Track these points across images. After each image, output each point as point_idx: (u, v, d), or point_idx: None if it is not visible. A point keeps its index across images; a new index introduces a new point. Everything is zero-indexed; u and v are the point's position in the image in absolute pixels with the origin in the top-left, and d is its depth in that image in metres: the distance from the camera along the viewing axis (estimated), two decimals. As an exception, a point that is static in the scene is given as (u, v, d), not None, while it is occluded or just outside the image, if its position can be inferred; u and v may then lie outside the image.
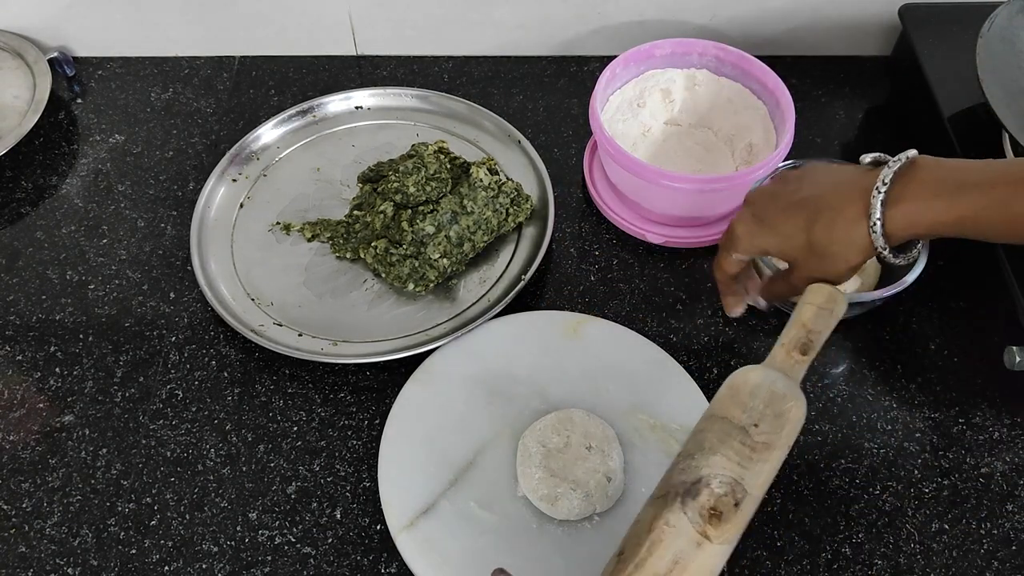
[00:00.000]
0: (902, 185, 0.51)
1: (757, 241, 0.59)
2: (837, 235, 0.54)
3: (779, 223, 0.57)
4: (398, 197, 0.73)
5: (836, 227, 0.53)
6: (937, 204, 0.51)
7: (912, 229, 0.52)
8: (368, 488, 0.64)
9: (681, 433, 0.63)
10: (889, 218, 0.52)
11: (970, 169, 0.51)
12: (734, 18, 0.87)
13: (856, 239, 0.53)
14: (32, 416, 0.67)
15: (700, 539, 0.46)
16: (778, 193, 0.58)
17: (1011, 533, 0.61)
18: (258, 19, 0.88)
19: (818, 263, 0.55)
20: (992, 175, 0.50)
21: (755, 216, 0.59)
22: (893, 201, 0.51)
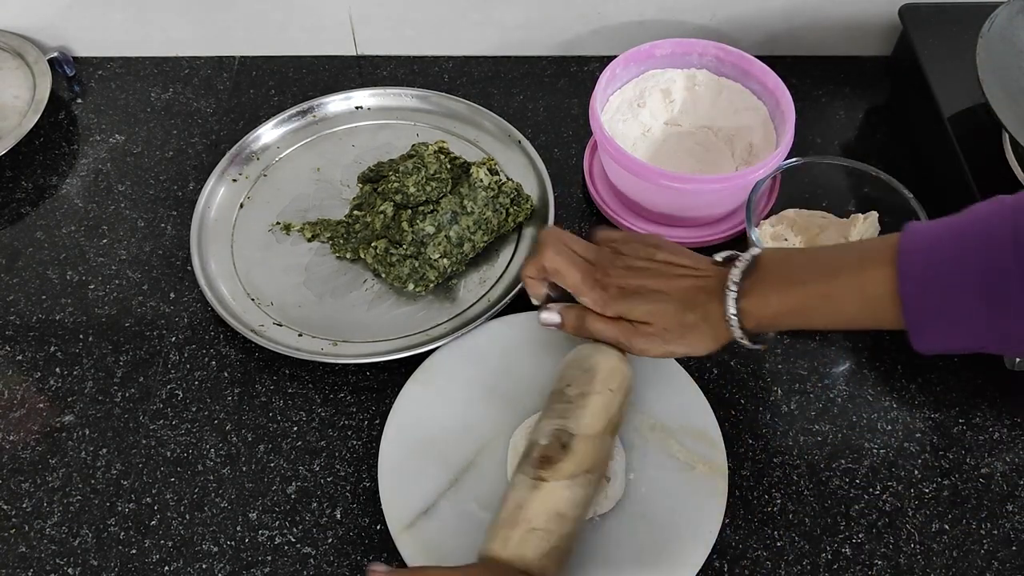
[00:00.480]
0: (748, 282, 0.56)
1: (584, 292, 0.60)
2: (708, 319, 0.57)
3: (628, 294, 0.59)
4: (398, 197, 0.73)
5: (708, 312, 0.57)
6: (773, 299, 0.55)
7: (756, 322, 0.56)
8: (368, 488, 0.64)
9: (681, 433, 0.63)
10: (742, 311, 0.55)
11: (803, 262, 0.55)
12: (734, 18, 0.87)
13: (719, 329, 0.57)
14: (32, 416, 0.67)
15: (535, 483, 0.55)
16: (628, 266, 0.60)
17: (1011, 533, 0.61)
18: (258, 19, 0.88)
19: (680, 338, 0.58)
20: (820, 266, 0.54)
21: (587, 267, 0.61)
22: (743, 296, 0.55)
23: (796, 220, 0.73)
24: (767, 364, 0.69)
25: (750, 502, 0.63)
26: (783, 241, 0.71)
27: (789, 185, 0.74)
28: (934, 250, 0.49)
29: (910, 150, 0.82)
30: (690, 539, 0.59)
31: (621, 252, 0.61)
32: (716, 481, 0.61)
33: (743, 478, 0.64)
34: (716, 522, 0.59)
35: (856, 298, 0.52)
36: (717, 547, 0.59)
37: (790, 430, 0.66)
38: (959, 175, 0.72)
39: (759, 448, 0.65)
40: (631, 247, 0.61)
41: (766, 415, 0.67)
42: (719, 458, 0.62)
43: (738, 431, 0.66)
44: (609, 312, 0.60)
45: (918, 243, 0.50)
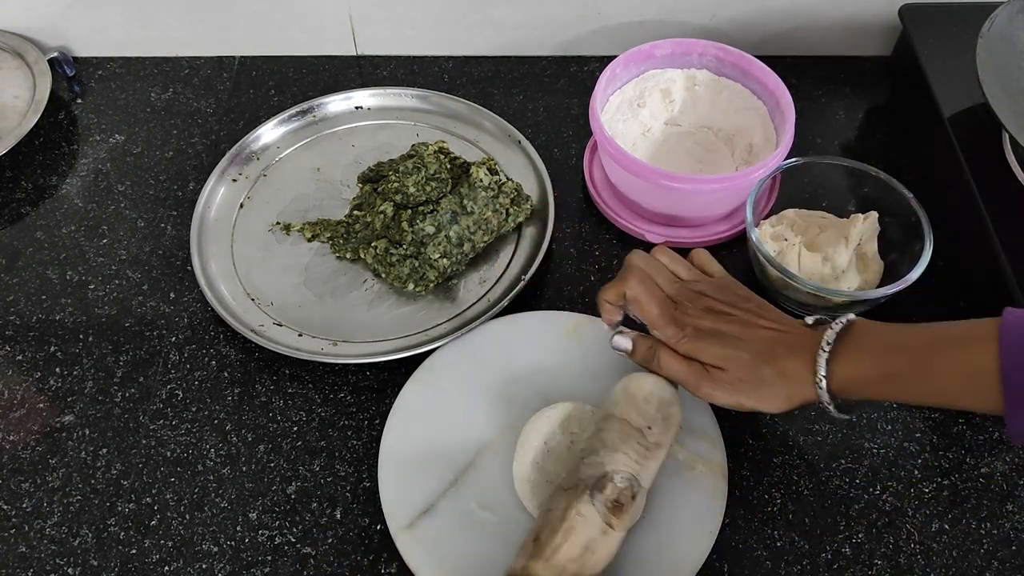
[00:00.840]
0: (843, 344, 0.54)
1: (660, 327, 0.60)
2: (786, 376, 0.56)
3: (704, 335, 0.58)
4: (398, 197, 0.73)
5: (787, 369, 0.56)
6: (871, 363, 0.54)
7: (850, 385, 0.54)
8: (368, 488, 0.64)
9: (681, 434, 0.63)
10: (831, 373, 0.54)
11: (901, 332, 0.54)
12: (734, 18, 0.87)
13: (796, 388, 0.56)
14: (32, 416, 0.67)
15: (605, 527, 0.54)
16: (710, 308, 0.59)
17: (1011, 533, 0.61)
18: (258, 19, 0.88)
19: (752, 390, 0.57)
20: (921, 338, 0.53)
21: (666, 303, 0.60)
22: (834, 358, 0.54)
23: (796, 220, 0.73)
24: (767, 364, 0.69)
25: (750, 502, 0.63)
26: (783, 241, 0.71)
27: (789, 185, 0.74)
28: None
29: (910, 150, 0.82)
30: (690, 539, 0.59)
31: (706, 293, 0.60)
32: (716, 481, 0.61)
33: (743, 478, 0.64)
34: (716, 522, 0.59)
35: (957, 375, 0.50)
36: (717, 547, 0.59)
37: (790, 430, 0.66)
38: (959, 175, 0.72)
39: (759, 448, 0.65)
40: (718, 291, 0.61)
41: (766, 415, 0.67)
42: (719, 458, 0.62)
43: (738, 431, 0.66)
44: (682, 349, 0.59)
45: (1020, 321, 0.49)
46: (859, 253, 0.70)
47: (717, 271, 0.64)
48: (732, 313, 0.59)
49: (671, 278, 0.62)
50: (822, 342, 0.54)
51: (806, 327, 0.57)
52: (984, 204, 0.69)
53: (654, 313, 0.60)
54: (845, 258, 0.68)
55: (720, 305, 0.59)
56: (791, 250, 0.70)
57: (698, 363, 0.58)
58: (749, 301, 0.60)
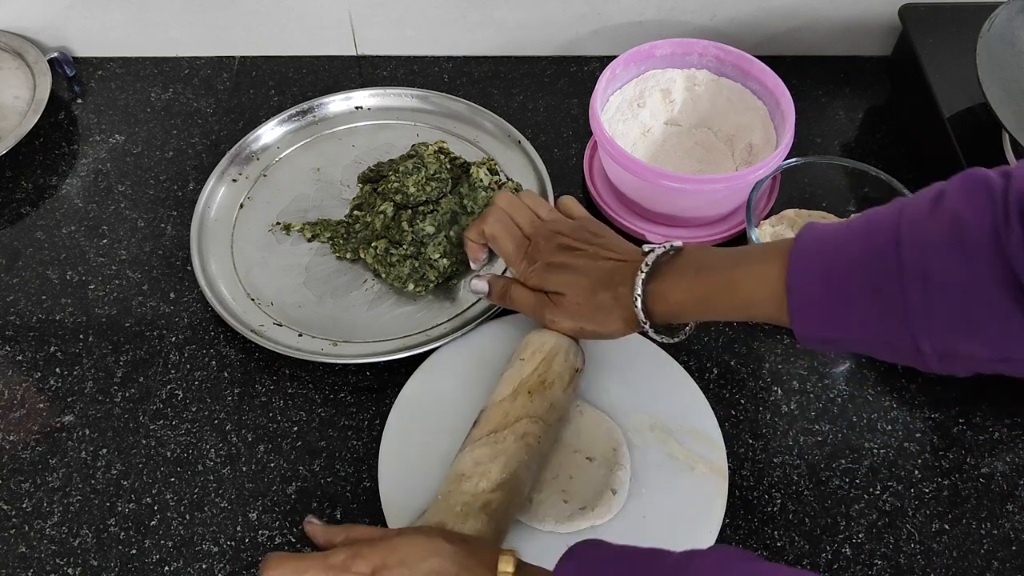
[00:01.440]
0: (664, 268, 0.57)
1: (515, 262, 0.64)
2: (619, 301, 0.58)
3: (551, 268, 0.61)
4: (398, 197, 0.73)
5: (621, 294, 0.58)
6: (683, 283, 0.56)
7: (665, 306, 0.57)
8: (368, 488, 0.64)
9: (681, 433, 0.63)
10: (647, 293, 0.57)
11: (715, 254, 0.57)
12: (734, 18, 0.87)
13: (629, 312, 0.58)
14: (32, 416, 0.67)
15: None
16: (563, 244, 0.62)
17: (1011, 533, 0.61)
18: (258, 19, 0.88)
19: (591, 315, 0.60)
20: (728, 258, 0.55)
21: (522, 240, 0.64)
22: (651, 279, 0.57)
23: (796, 220, 0.73)
24: (767, 364, 0.69)
25: (750, 502, 0.63)
26: (783, 241, 0.71)
27: (789, 185, 0.74)
28: (825, 241, 0.50)
29: (910, 150, 0.82)
30: (690, 539, 0.59)
31: (561, 232, 0.63)
32: (716, 481, 0.61)
33: (743, 478, 0.64)
34: (716, 522, 0.59)
35: (754, 285, 0.52)
36: (717, 547, 0.59)
37: (790, 430, 0.66)
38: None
39: (759, 448, 0.65)
40: (573, 229, 0.63)
41: (766, 415, 0.67)
42: (719, 458, 0.62)
43: (738, 431, 0.66)
44: (530, 283, 0.62)
45: (814, 235, 0.51)
46: (859, 253, 0.70)
47: (580, 213, 0.67)
48: (583, 248, 0.61)
49: (532, 218, 0.65)
50: (641, 263, 0.57)
51: (643, 255, 0.59)
52: (984, 204, 0.69)
53: (509, 249, 0.64)
54: (845, 258, 0.68)
55: (573, 242, 0.62)
56: (791, 250, 0.70)
57: (544, 294, 0.61)
58: (601, 237, 0.62)
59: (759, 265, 0.53)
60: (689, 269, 0.56)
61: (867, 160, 0.73)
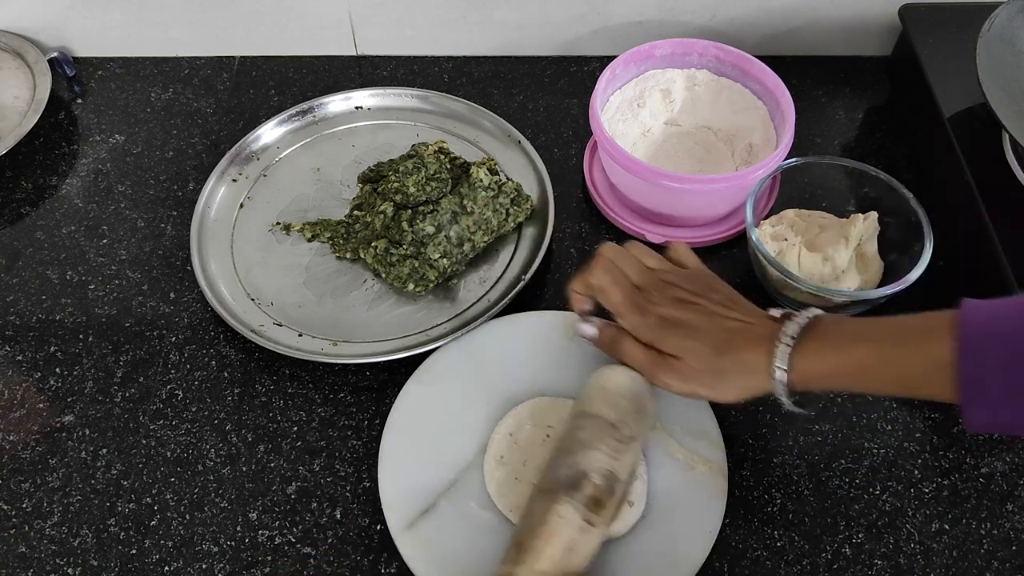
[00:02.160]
0: (806, 337, 0.54)
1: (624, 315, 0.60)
2: (745, 367, 0.56)
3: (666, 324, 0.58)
4: (398, 197, 0.73)
5: (747, 361, 0.55)
6: (834, 356, 0.54)
7: (812, 378, 0.54)
8: (368, 488, 0.64)
9: (681, 433, 0.63)
10: (793, 365, 0.54)
11: (865, 324, 0.54)
12: (734, 18, 0.87)
13: (753, 379, 0.56)
14: (32, 416, 0.67)
15: (585, 526, 0.54)
16: (677, 297, 0.59)
17: (1011, 533, 0.61)
18: (258, 19, 0.88)
19: (708, 380, 0.57)
20: (883, 330, 0.53)
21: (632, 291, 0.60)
22: (797, 351, 0.54)
23: (796, 220, 0.73)
24: (767, 364, 0.69)
25: (750, 502, 0.63)
26: (783, 241, 0.71)
27: (789, 185, 0.74)
28: (997, 325, 0.48)
29: (910, 150, 0.82)
30: (690, 539, 0.59)
31: (675, 283, 0.60)
32: (716, 481, 0.61)
33: (743, 478, 0.64)
34: (716, 522, 0.59)
35: (917, 362, 0.50)
36: (717, 547, 0.59)
37: (790, 430, 0.66)
38: (959, 175, 0.72)
39: (759, 448, 0.65)
40: (687, 280, 0.60)
41: (766, 415, 0.67)
42: (719, 458, 0.62)
43: (738, 431, 0.66)
44: (643, 337, 0.59)
45: (981, 314, 0.49)
46: (859, 253, 0.70)
47: (693, 263, 0.64)
48: (698, 303, 0.59)
49: (641, 268, 0.62)
50: (783, 334, 0.54)
51: (771, 319, 0.57)
52: (984, 204, 0.69)
53: (618, 300, 0.60)
54: (845, 258, 0.68)
55: (687, 295, 0.59)
56: (791, 250, 0.70)
57: (658, 352, 0.58)
58: (718, 292, 0.60)
59: (921, 342, 0.50)
60: (837, 340, 0.54)
61: (867, 160, 0.73)
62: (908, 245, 0.68)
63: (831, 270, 0.68)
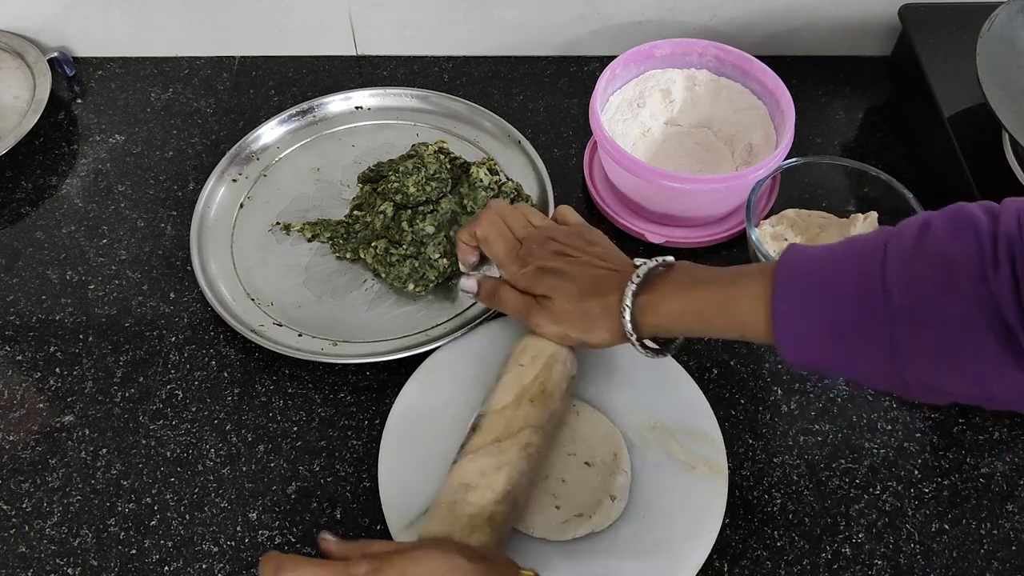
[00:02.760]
0: (656, 280, 0.56)
1: (505, 264, 0.63)
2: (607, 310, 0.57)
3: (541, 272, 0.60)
4: (398, 197, 0.73)
5: (609, 304, 0.57)
6: (674, 296, 0.55)
7: (655, 318, 0.56)
8: (368, 488, 0.64)
9: (681, 433, 0.63)
10: (637, 305, 0.56)
11: (708, 270, 0.56)
12: (734, 18, 0.87)
13: (616, 322, 0.57)
14: (32, 416, 0.67)
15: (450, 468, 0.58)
16: (554, 250, 0.61)
17: (1011, 533, 0.61)
18: (258, 19, 0.88)
19: (577, 322, 0.59)
20: (722, 275, 0.55)
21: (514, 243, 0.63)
22: (642, 291, 0.56)
23: (796, 220, 0.73)
24: (767, 364, 0.69)
25: (750, 502, 0.63)
26: (783, 241, 0.71)
27: (789, 185, 0.74)
28: (810, 270, 0.50)
29: (910, 150, 0.82)
30: (690, 539, 0.59)
31: (555, 238, 0.62)
32: (716, 481, 0.61)
33: (743, 478, 0.64)
34: (716, 522, 0.59)
35: (747, 306, 0.52)
36: (717, 547, 0.59)
37: (790, 430, 0.66)
38: (959, 175, 0.72)
39: (759, 448, 0.65)
40: (567, 235, 0.63)
41: (766, 415, 0.67)
42: (719, 458, 0.62)
43: (738, 431, 0.66)
44: (519, 285, 0.62)
45: (798, 261, 0.50)
46: (859, 253, 0.70)
47: (575, 221, 0.66)
48: (575, 255, 0.61)
49: (525, 223, 0.65)
50: (634, 275, 0.56)
51: (635, 266, 0.59)
52: (984, 204, 0.69)
53: (500, 251, 0.63)
54: (845, 258, 0.68)
55: (565, 247, 0.61)
56: (791, 250, 0.70)
57: (532, 297, 0.61)
58: (594, 245, 0.62)
59: (751, 286, 0.52)
60: (682, 283, 0.56)
61: (867, 160, 0.73)
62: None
63: (831, 270, 0.68)
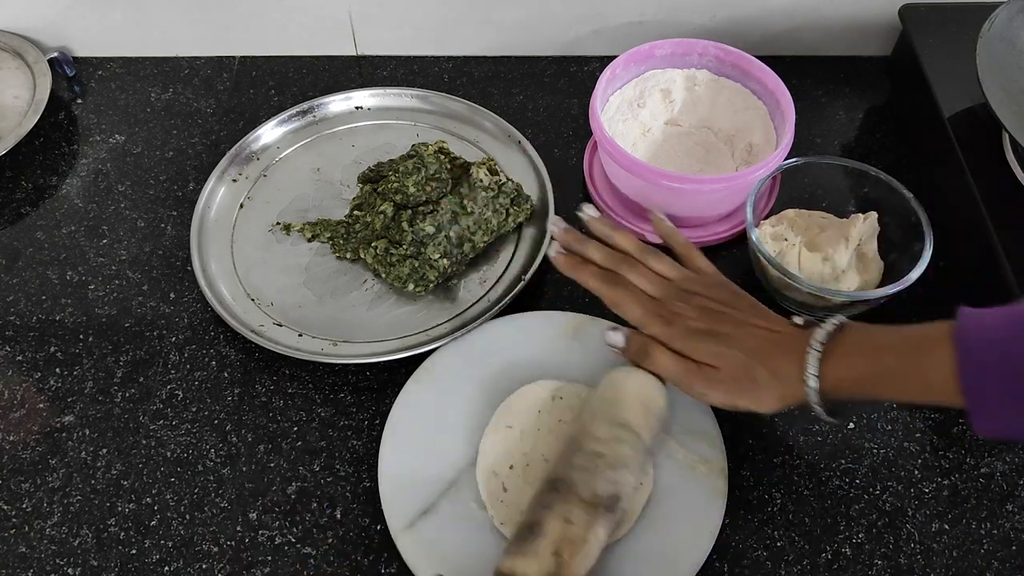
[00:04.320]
0: (834, 344, 0.55)
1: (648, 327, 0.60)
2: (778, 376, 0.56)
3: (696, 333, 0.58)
4: (398, 197, 0.73)
5: (780, 368, 0.56)
6: (862, 363, 0.54)
7: (841, 385, 0.54)
8: (368, 488, 0.64)
9: (681, 433, 0.63)
10: (822, 373, 0.54)
11: (889, 332, 0.54)
12: (734, 18, 0.87)
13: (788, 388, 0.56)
14: (32, 416, 0.67)
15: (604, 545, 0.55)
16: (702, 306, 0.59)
17: (1011, 533, 0.61)
18: (258, 19, 0.88)
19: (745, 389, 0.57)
20: (906, 338, 0.53)
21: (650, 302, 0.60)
22: (826, 358, 0.54)
23: (796, 220, 0.73)
24: (767, 364, 0.69)
25: (750, 502, 0.63)
26: (783, 241, 0.71)
27: (789, 185, 0.74)
28: (994, 335, 0.48)
29: (910, 150, 0.82)
30: (690, 539, 0.59)
31: (698, 292, 0.60)
32: (716, 481, 0.61)
33: (743, 478, 0.64)
34: (716, 522, 0.59)
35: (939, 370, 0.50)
36: (717, 547, 0.59)
37: (790, 430, 0.66)
38: (959, 175, 0.72)
39: (759, 448, 0.65)
40: (710, 288, 0.61)
41: (766, 416, 0.67)
42: (719, 458, 0.62)
43: (738, 431, 0.66)
44: (675, 346, 0.58)
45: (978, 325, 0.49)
46: (859, 253, 0.70)
47: (707, 268, 0.64)
48: (725, 312, 0.59)
49: (654, 278, 0.62)
50: (812, 341, 0.55)
51: (797, 327, 0.57)
52: (984, 204, 0.69)
53: (638, 315, 0.60)
54: (845, 258, 0.68)
55: (712, 304, 0.59)
56: (791, 250, 0.70)
57: (692, 361, 0.58)
58: (741, 300, 0.60)
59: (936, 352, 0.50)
60: (862, 347, 0.54)
61: (867, 160, 0.73)
62: (908, 245, 0.68)
63: (831, 270, 0.68)
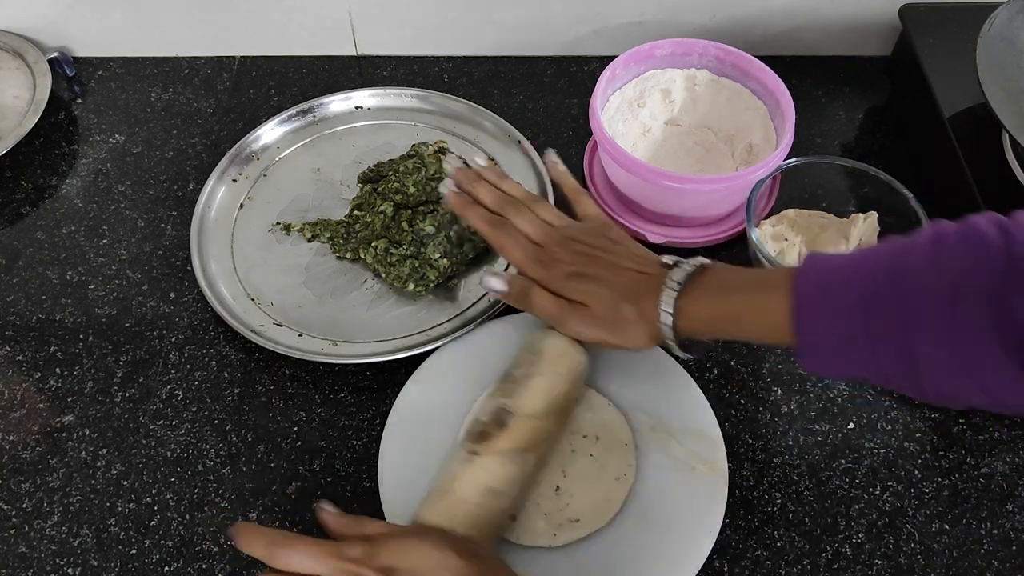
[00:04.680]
0: (689, 284, 0.57)
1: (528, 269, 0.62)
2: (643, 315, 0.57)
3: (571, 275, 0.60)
4: (398, 197, 0.73)
5: (645, 308, 0.57)
6: (710, 301, 0.56)
7: (690, 323, 0.56)
8: (368, 488, 0.64)
9: (681, 433, 0.63)
10: (679, 310, 0.56)
11: (742, 273, 0.57)
12: (734, 18, 0.87)
13: (652, 326, 0.57)
14: (32, 416, 0.67)
15: (469, 457, 0.56)
16: (578, 251, 0.61)
17: (1011, 533, 0.61)
18: (258, 19, 0.88)
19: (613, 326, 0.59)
20: (757, 278, 0.55)
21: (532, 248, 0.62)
22: (682, 296, 0.56)
23: (796, 220, 0.73)
24: (767, 364, 0.69)
25: (750, 502, 0.63)
26: (783, 241, 0.71)
27: (789, 185, 0.74)
28: (829, 280, 0.50)
29: (910, 150, 0.82)
30: (690, 539, 0.59)
31: (576, 238, 0.62)
32: (716, 481, 0.61)
33: (743, 478, 0.64)
34: (716, 522, 0.59)
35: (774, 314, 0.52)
36: (717, 547, 0.59)
37: (790, 430, 0.66)
38: (959, 175, 0.72)
39: (759, 448, 0.65)
40: (588, 234, 0.62)
41: (766, 415, 0.67)
42: (719, 458, 0.62)
43: (738, 431, 0.66)
44: (551, 287, 0.61)
45: (817, 270, 0.51)
46: (859, 253, 0.70)
47: (594, 213, 0.66)
48: (600, 256, 0.61)
49: (539, 224, 0.64)
50: (668, 280, 0.57)
51: (665, 267, 0.59)
52: (984, 204, 0.69)
53: (519, 256, 0.63)
54: (845, 258, 0.68)
55: (589, 249, 0.61)
56: (791, 250, 0.70)
57: (566, 300, 0.60)
58: (619, 244, 0.62)
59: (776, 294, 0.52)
60: (716, 287, 0.56)
61: (867, 160, 0.73)
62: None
63: (831, 270, 0.68)
